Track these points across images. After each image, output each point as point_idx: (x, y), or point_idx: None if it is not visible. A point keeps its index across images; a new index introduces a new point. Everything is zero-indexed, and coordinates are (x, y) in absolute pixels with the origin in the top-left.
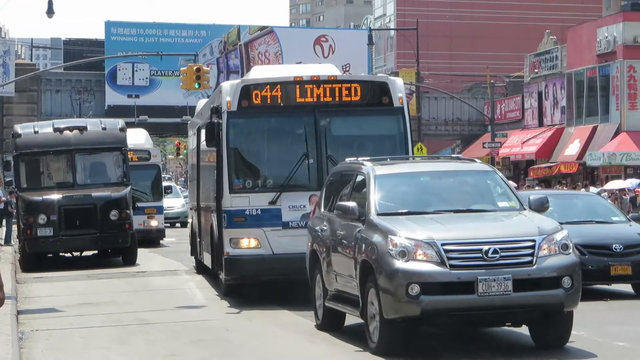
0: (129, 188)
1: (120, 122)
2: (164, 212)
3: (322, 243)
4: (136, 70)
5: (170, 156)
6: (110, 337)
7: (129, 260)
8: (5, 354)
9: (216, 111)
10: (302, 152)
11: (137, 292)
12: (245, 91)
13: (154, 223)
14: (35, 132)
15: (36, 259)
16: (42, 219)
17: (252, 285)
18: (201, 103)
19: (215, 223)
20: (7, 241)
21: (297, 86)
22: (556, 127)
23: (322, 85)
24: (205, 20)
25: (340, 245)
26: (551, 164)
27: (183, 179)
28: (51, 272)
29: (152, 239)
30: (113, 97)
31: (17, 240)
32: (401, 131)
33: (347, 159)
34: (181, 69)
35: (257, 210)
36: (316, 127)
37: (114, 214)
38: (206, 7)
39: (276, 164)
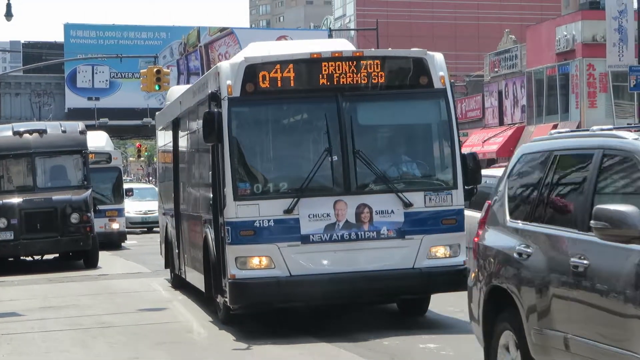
0: (89, 191)
1: (80, 124)
2: (143, 216)
3: (523, 278)
4: (96, 73)
5: (131, 158)
6: (72, 341)
7: (91, 263)
8: None
9: (214, 98)
10: (323, 148)
11: (98, 295)
12: (250, 72)
13: (115, 226)
14: None
15: None
16: (2, 222)
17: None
18: (176, 90)
19: (211, 236)
20: None
21: (315, 65)
22: (517, 125)
23: (345, 64)
24: (165, 22)
25: (584, 287)
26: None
27: (144, 181)
28: (12, 276)
29: (114, 241)
30: (73, 100)
31: None
32: (444, 118)
33: (554, 130)
34: (141, 71)
35: (269, 221)
36: (339, 115)
37: (74, 217)
38: (166, 9)
39: (291, 163)
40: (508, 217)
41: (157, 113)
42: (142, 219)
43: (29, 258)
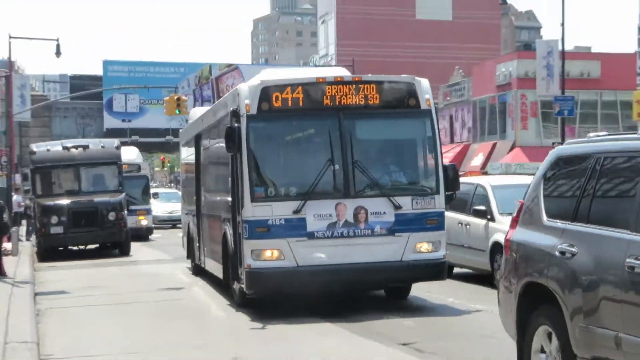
0: (123, 194)
1: (116, 141)
2: (169, 215)
3: (567, 276)
4: (128, 100)
5: (156, 169)
6: (110, 313)
7: (124, 252)
8: (25, 328)
9: (235, 115)
10: (327, 158)
11: (131, 277)
12: (265, 93)
13: (143, 222)
14: (47, 150)
15: (50, 251)
16: (54, 219)
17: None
18: (198, 111)
19: (230, 232)
20: (27, 238)
21: (320, 87)
22: (464, 143)
23: (346, 87)
24: (183, 59)
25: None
26: (460, 173)
27: (167, 187)
28: (62, 262)
29: (142, 235)
30: (110, 122)
31: (35, 236)
32: (429, 135)
33: (592, 134)
34: (164, 98)
35: (280, 219)
36: (340, 131)
37: (112, 215)
38: (184, 45)
39: (299, 171)
40: (545, 217)
41: (180, 130)
42: (168, 217)
43: (75, 248)
